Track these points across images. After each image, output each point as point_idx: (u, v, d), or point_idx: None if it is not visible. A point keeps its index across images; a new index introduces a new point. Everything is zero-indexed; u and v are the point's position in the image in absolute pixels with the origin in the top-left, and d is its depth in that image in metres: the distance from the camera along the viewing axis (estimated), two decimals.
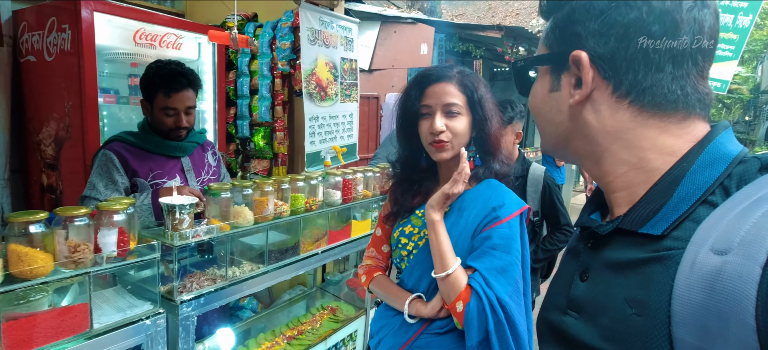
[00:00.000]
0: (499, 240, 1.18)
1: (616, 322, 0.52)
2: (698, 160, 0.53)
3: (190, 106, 1.88)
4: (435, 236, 1.20)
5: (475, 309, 1.12)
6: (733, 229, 0.45)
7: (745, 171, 0.51)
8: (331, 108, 2.78)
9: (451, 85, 1.24)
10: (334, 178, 2.05)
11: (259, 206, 1.65)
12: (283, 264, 1.75)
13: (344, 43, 2.90)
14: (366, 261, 1.47)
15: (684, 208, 0.51)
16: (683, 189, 0.52)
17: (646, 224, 0.53)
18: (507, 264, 1.17)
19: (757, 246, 0.41)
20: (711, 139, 0.55)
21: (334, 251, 2.03)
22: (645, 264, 0.51)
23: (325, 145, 2.70)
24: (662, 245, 0.50)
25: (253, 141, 2.88)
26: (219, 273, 1.56)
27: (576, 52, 0.57)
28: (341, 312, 2.33)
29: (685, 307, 0.45)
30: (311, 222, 1.93)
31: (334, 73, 2.80)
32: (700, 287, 0.44)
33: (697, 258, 0.46)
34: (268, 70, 2.79)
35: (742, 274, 0.41)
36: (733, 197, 0.49)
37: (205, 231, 1.45)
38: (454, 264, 1.17)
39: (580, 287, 0.60)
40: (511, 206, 1.22)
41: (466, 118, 1.25)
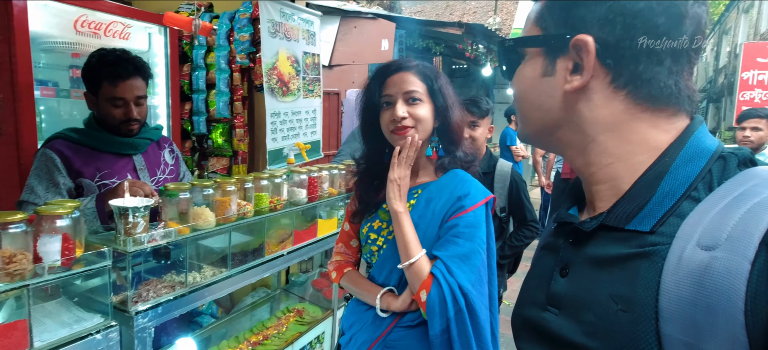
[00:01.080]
0: (463, 229, 1.19)
1: (601, 318, 0.51)
2: (680, 155, 0.53)
3: (140, 95, 1.73)
4: (399, 228, 1.20)
5: (436, 297, 1.12)
6: (720, 224, 0.45)
7: (726, 166, 0.52)
8: (293, 104, 2.69)
9: (411, 74, 1.24)
10: (299, 176, 1.97)
11: (221, 206, 1.55)
12: (247, 266, 1.66)
13: (306, 37, 2.81)
14: (335, 257, 1.43)
15: (669, 204, 0.51)
16: (667, 185, 0.52)
17: (633, 221, 0.52)
18: (469, 252, 1.17)
19: (746, 242, 0.42)
20: (690, 133, 0.55)
21: (300, 251, 1.95)
22: (630, 259, 0.50)
23: (287, 142, 2.61)
24: (647, 241, 0.50)
25: (211, 138, 2.74)
26: (178, 279, 1.45)
27: (581, 37, 0.54)
28: (308, 314, 2.25)
29: (673, 303, 0.45)
30: (276, 222, 1.84)
31: (296, 68, 2.71)
32: (689, 282, 0.44)
33: (684, 254, 0.46)
34: (225, 63, 2.65)
35: (730, 269, 0.41)
36: (716, 192, 0.49)
37: (162, 235, 1.34)
38: (418, 253, 1.17)
39: (560, 283, 0.59)
40: (477, 195, 1.23)
41: (427, 106, 1.25)
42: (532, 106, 0.62)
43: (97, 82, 1.67)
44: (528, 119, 0.64)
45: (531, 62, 0.61)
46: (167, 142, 2.02)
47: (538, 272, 0.67)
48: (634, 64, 0.53)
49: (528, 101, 0.62)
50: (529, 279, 0.71)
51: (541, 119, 0.61)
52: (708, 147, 0.54)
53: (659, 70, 0.53)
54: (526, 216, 2.23)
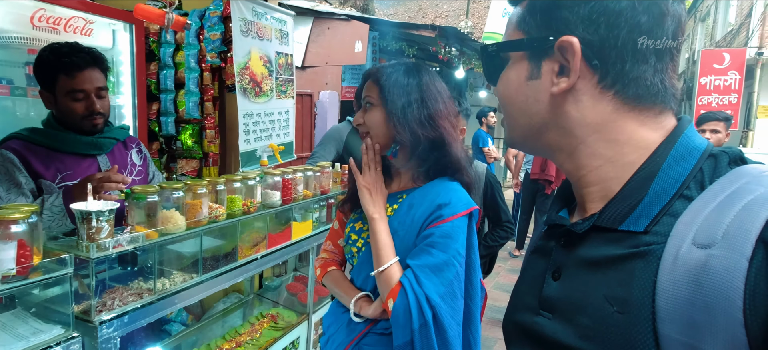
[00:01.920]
0: (438, 239, 1.13)
1: (596, 321, 0.50)
2: (670, 154, 0.53)
3: (101, 87, 1.63)
4: (373, 233, 1.18)
5: (401, 306, 1.08)
6: (715, 223, 0.45)
7: (717, 165, 0.52)
8: (266, 104, 2.63)
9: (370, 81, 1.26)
10: (273, 178, 1.92)
11: (192, 210, 1.49)
12: (219, 272, 1.61)
13: (279, 37, 2.76)
14: (322, 255, 1.42)
15: (662, 203, 0.51)
16: (658, 184, 0.52)
17: (626, 221, 0.52)
18: (442, 263, 1.11)
19: (743, 239, 0.41)
20: (680, 132, 0.55)
21: (274, 255, 1.91)
22: (624, 260, 0.50)
23: (260, 143, 2.55)
24: (642, 241, 0.50)
25: (180, 139, 2.65)
26: (145, 286, 1.39)
27: (566, 38, 0.53)
28: (282, 319, 2.20)
29: (671, 303, 0.44)
30: (249, 226, 1.79)
31: (268, 68, 2.65)
32: (685, 281, 0.44)
33: (680, 253, 0.45)
34: (195, 62, 2.57)
35: (728, 267, 0.41)
36: (708, 190, 0.49)
37: (129, 240, 1.27)
38: (390, 261, 1.14)
39: (552, 286, 0.58)
40: (458, 206, 1.17)
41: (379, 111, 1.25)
42: (518, 111, 0.61)
43: (52, 77, 1.57)
44: (515, 123, 0.63)
45: (515, 66, 0.60)
46: (134, 142, 1.93)
47: (529, 276, 0.66)
48: (620, 63, 0.53)
49: (514, 106, 0.61)
50: (520, 284, 0.70)
51: (528, 124, 0.61)
52: (698, 146, 0.54)
53: (645, 68, 0.53)
54: (501, 217, 2.26)
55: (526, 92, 0.59)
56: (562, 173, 0.64)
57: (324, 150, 2.96)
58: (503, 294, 4.36)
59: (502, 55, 0.61)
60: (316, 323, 2.31)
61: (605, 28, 0.52)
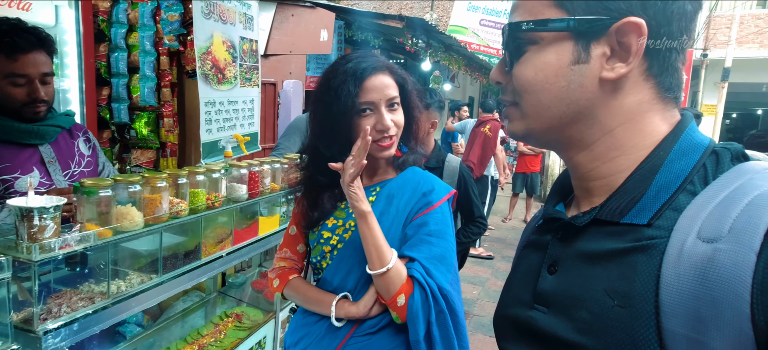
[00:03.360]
0: (435, 226, 1.14)
1: (596, 315, 0.49)
2: (674, 149, 0.52)
3: (46, 72, 1.48)
4: (368, 230, 1.09)
5: (420, 300, 1.07)
6: (721, 217, 0.44)
7: (719, 160, 0.51)
8: (229, 92, 2.49)
9: (389, 76, 1.16)
10: (239, 170, 1.81)
11: (151, 205, 1.37)
12: (182, 271, 1.49)
13: (244, 21, 2.61)
14: (279, 263, 1.31)
15: (665, 197, 0.50)
16: (662, 178, 0.51)
17: (628, 214, 0.51)
18: (445, 251, 1.14)
19: (751, 233, 0.41)
20: (684, 127, 0.54)
21: (240, 252, 1.80)
22: (626, 254, 0.49)
23: (223, 133, 2.41)
24: (644, 235, 0.49)
25: (135, 128, 2.47)
26: (98, 289, 1.26)
27: (633, 20, 0.49)
28: (247, 318, 2.10)
29: (675, 296, 0.44)
30: (213, 221, 1.68)
31: (232, 54, 2.51)
32: (691, 275, 0.43)
33: (685, 247, 0.45)
34: (151, 45, 2.39)
35: (736, 261, 0.41)
36: (712, 185, 0.49)
37: (78, 239, 1.14)
38: (393, 258, 1.09)
39: (548, 280, 0.57)
40: (441, 191, 1.20)
41: (401, 110, 1.20)
42: (553, 98, 0.55)
43: None
44: (543, 113, 0.56)
45: (554, 48, 0.54)
46: (81, 130, 1.76)
47: (523, 271, 0.64)
48: (668, 50, 0.52)
49: (548, 93, 0.55)
50: (512, 280, 0.68)
51: (561, 113, 0.55)
52: (701, 141, 0.53)
53: (679, 56, 0.53)
54: (474, 212, 2.24)
55: (569, 77, 0.53)
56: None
57: (289, 141, 2.85)
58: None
59: (530, 35, 0.55)
60: (283, 321, 2.22)
61: (662, 11, 0.50)
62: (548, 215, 0.62)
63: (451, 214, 1.22)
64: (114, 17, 2.39)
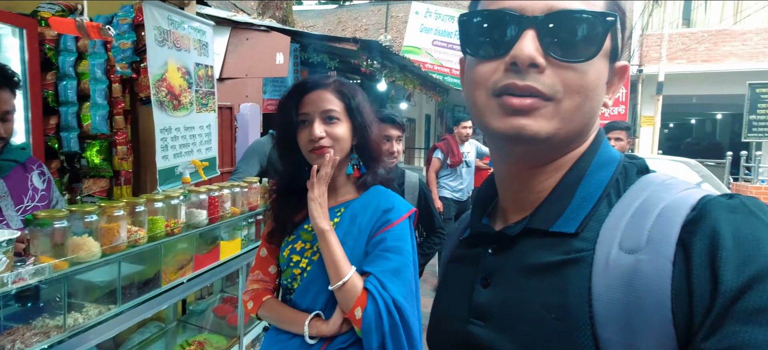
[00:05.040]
0: (392, 242, 1.19)
1: (536, 328, 0.50)
2: (594, 161, 0.56)
3: (8, 110, 1.46)
4: (327, 246, 1.15)
5: (373, 312, 1.11)
6: (637, 229, 0.47)
7: (628, 174, 0.56)
8: (185, 118, 2.48)
9: (328, 91, 1.22)
10: (198, 196, 1.82)
11: (108, 234, 1.36)
12: (141, 300, 1.47)
13: (198, 47, 2.62)
14: (251, 285, 1.33)
15: (588, 207, 0.53)
16: (584, 188, 0.54)
17: (557, 222, 0.53)
18: (400, 266, 1.18)
19: (665, 243, 0.45)
20: (600, 142, 0.58)
21: (201, 277, 1.79)
22: (558, 267, 0.51)
23: (180, 159, 2.39)
24: (573, 247, 0.51)
25: (86, 157, 2.40)
26: (53, 323, 1.23)
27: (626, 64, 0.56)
28: (211, 345, 2.07)
29: (606, 307, 0.46)
30: (173, 248, 1.67)
31: (187, 80, 2.50)
32: (619, 285, 0.46)
33: (610, 258, 0.47)
34: (102, 73, 2.36)
35: (657, 270, 0.44)
36: (624, 197, 0.52)
37: (33, 273, 1.12)
38: (350, 271, 1.14)
39: (483, 294, 0.57)
40: (401, 209, 1.24)
41: (345, 124, 1.23)
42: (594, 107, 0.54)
43: None
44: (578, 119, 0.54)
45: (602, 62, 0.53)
46: (36, 163, 1.72)
47: (453, 286, 0.65)
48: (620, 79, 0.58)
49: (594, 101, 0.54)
50: (442, 295, 0.68)
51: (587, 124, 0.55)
52: (615, 155, 0.57)
53: None
54: (435, 224, 2.33)
55: (600, 94, 0.55)
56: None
57: (247, 165, 2.85)
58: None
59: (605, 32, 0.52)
60: (247, 346, 2.20)
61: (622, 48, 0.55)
62: (477, 229, 0.63)
63: (410, 231, 1.26)
64: (62, 45, 2.34)
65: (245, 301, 1.31)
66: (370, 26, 13.45)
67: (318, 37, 5.92)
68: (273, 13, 7.75)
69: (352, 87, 1.28)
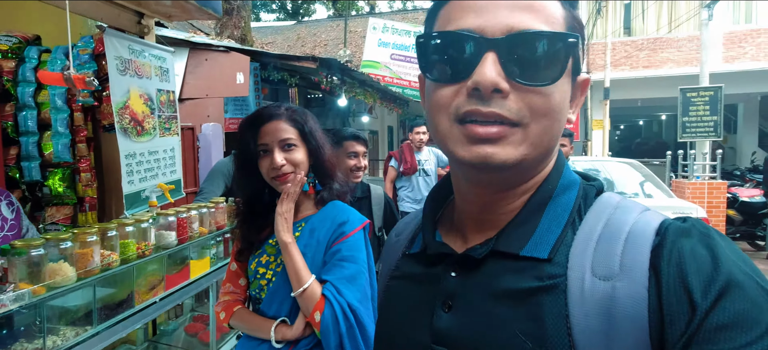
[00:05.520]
0: (347, 252, 1.31)
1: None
2: (559, 184, 0.55)
3: None
4: (289, 258, 1.27)
5: (330, 316, 1.22)
6: (608, 255, 0.47)
7: (588, 195, 0.55)
8: (149, 143, 2.54)
9: (283, 121, 1.33)
10: (167, 218, 1.90)
11: (82, 259, 1.43)
12: (115, 320, 1.54)
13: (160, 74, 2.70)
14: (223, 297, 1.44)
15: (558, 230, 0.51)
16: (551, 211, 0.53)
17: (526, 246, 0.51)
18: (355, 273, 1.30)
19: (639, 270, 0.45)
20: (563, 162, 0.57)
21: (173, 296, 1.87)
22: (532, 294, 0.49)
23: (146, 184, 2.45)
24: (545, 273, 0.49)
25: (48, 185, 2.42)
26: (31, 346, 1.29)
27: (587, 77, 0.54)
28: None
29: (586, 334, 0.45)
30: (145, 269, 1.74)
31: (150, 106, 2.57)
32: (597, 313, 0.45)
33: (585, 285, 0.47)
34: (63, 102, 2.39)
35: (634, 297, 0.44)
36: (586, 221, 0.52)
37: (13, 299, 1.19)
38: (309, 279, 1.26)
39: (445, 319, 0.54)
40: (355, 222, 1.36)
41: (302, 149, 1.35)
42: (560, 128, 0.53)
43: None
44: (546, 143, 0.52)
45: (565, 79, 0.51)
46: (3, 194, 1.76)
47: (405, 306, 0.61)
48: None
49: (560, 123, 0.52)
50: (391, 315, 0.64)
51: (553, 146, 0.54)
52: (575, 178, 0.57)
53: None
54: None
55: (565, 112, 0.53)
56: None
57: (212, 185, 2.92)
58: None
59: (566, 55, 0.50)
60: None
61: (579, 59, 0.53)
62: (435, 249, 0.59)
63: (364, 241, 1.38)
64: (20, 76, 2.36)
65: (218, 312, 1.41)
66: (329, 42, 13.62)
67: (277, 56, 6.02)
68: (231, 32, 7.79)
69: (302, 113, 1.39)
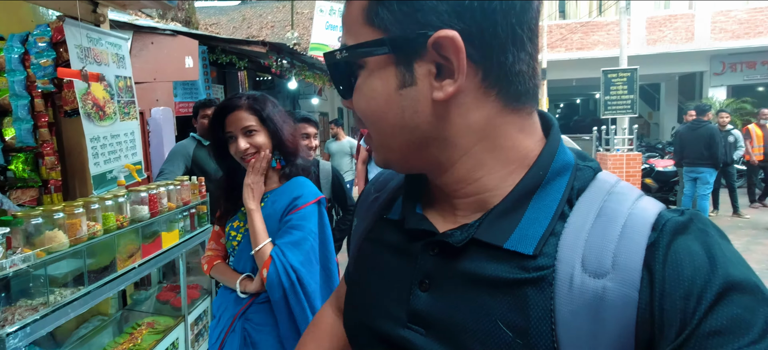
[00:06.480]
0: (296, 222, 1.54)
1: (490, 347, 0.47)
2: (552, 168, 0.51)
3: None
4: (251, 222, 1.53)
5: (274, 273, 1.47)
6: (600, 249, 0.45)
7: (581, 178, 0.51)
8: (111, 127, 2.68)
9: (243, 111, 1.53)
10: (139, 194, 2.10)
11: (72, 228, 1.64)
12: (104, 281, 1.76)
13: (117, 60, 2.82)
14: (207, 252, 1.70)
15: (546, 222, 0.48)
16: (540, 200, 0.50)
17: (510, 239, 0.49)
18: (300, 239, 1.50)
19: (632, 270, 0.43)
20: (556, 142, 0.53)
21: (149, 263, 2.09)
22: (516, 285, 0.47)
23: (111, 165, 2.60)
24: (531, 265, 0.47)
25: (11, 169, 2.51)
26: (39, 301, 1.50)
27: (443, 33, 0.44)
28: (160, 324, 2.35)
29: (573, 334, 0.44)
30: (124, 238, 1.96)
31: (110, 92, 2.70)
32: (585, 313, 0.44)
33: (574, 282, 0.45)
34: (22, 88, 2.48)
35: (625, 300, 0.43)
36: (579, 207, 0.49)
37: (22, 259, 1.40)
38: (265, 241, 1.51)
39: (422, 299, 0.53)
40: (308, 196, 1.60)
41: (262, 133, 1.55)
42: (393, 127, 0.50)
43: None
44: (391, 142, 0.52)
45: (378, 74, 0.49)
46: None
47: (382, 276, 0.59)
48: (503, 55, 0.47)
49: (386, 122, 0.50)
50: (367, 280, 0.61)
51: (408, 140, 0.51)
52: (570, 158, 0.53)
53: (523, 61, 0.48)
54: (348, 203, 2.80)
55: (401, 104, 0.49)
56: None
57: (173, 166, 3.10)
58: None
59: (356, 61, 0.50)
60: (191, 323, 2.51)
61: (480, 13, 0.45)
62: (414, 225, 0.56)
63: (315, 214, 1.56)
64: None
65: (203, 264, 1.68)
66: (276, 23, 13.49)
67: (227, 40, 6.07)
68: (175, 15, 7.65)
69: (262, 101, 1.57)
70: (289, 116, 1.72)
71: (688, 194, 6.55)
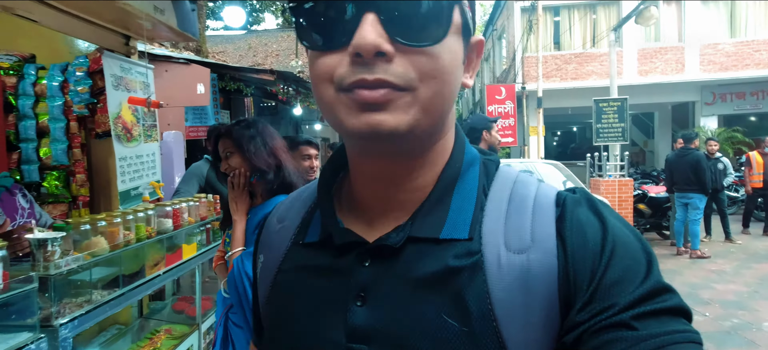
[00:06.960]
0: None
1: (440, 342, 0.47)
2: (464, 159, 0.54)
3: None
4: (233, 230, 1.77)
5: (232, 277, 1.69)
6: (518, 228, 0.49)
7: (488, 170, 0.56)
8: (136, 148, 2.93)
9: (226, 139, 1.79)
10: (165, 208, 2.33)
11: (111, 236, 1.86)
12: (136, 285, 1.98)
13: (142, 88, 3.09)
14: (217, 254, 1.93)
15: (470, 208, 0.51)
16: (462, 188, 0.53)
17: (444, 228, 0.50)
18: None
19: (548, 240, 0.48)
20: (463, 139, 0.56)
21: (172, 271, 2.30)
22: (453, 275, 0.48)
23: (135, 182, 2.84)
24: (463, 252, 0.49)
25: (45, 186, 2.75)
26: (83, 299, 1.71)
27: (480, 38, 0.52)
28: (176, 331, 2.54)
29: (508, 309, 0.46)
30: (153, 248, 2.17)
31: (136, 116, 2.97)
32: (517, 288, 0.47)
33: (501, 261, 0.47)
34: (60, 112, 2.75)
35: (547, 267, 0.47)
36: (492, 195, 0.53)
37: (74, 260, 1.62)
38: (236, 249, 1.73)
39: (359, 313, 0.51)
40: None
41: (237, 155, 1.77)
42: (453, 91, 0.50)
43: None
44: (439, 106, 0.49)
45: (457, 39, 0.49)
46: (17, 188, 2.13)
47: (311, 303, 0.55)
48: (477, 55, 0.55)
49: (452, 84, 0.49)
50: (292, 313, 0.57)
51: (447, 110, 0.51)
52: (475, 153, 0.57)
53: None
54: None
55: (458, 76, 0.50)
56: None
57: (188, 186, 3.34)
58: None
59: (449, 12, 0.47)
60: (204, 332, 2.69)
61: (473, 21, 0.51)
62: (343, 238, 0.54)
63: None
64: (21, 90, 2.69)
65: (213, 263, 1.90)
66: (281, 51, 13.95)
67: (238, 68, 6.38)
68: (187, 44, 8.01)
69: (240, 132, 1.77)
70: (284, 140, 1.95)
71: (680, 218, 6.76)
